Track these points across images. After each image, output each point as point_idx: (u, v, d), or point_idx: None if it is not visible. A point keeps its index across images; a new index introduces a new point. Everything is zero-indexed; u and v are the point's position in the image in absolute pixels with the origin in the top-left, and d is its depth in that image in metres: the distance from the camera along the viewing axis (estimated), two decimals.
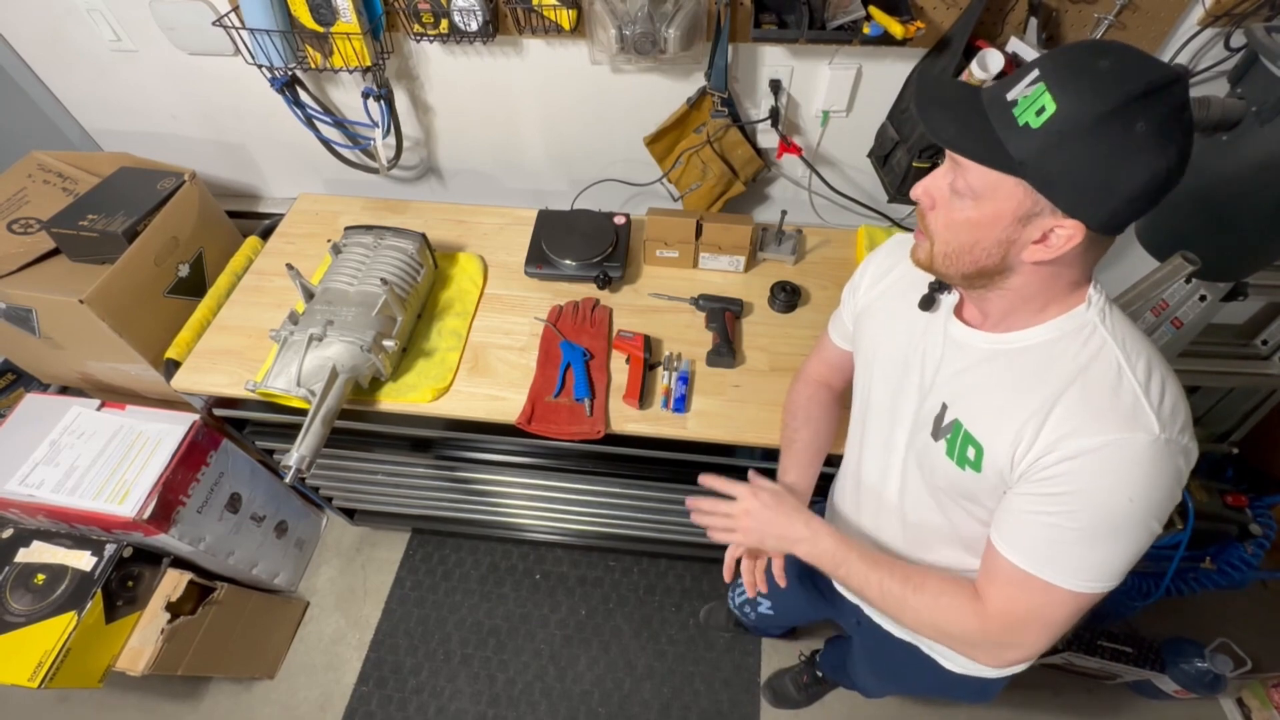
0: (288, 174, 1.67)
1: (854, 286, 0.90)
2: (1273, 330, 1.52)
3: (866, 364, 0.86)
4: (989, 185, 0.59)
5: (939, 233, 0.65)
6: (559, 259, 1.36)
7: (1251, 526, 1.42)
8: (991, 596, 0.69)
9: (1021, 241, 0.60)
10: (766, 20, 1.16)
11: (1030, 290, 0.64)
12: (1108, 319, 0.64)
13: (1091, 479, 0.60)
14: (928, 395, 0.75)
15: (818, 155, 1.43)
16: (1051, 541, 0.63)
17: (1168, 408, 0.60)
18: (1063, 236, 0.57)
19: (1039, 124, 0.54)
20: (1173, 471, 0.60)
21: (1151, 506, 0.61)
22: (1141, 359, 0.62)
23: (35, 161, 1.51)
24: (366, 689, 1.70)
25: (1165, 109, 0.52)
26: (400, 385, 1.21)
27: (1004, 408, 0.66)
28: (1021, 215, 0.58)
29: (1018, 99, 0.56)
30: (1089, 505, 0.61)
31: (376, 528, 1.93)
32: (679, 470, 1.29)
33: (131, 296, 1.36)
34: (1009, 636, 0.69)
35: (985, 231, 0.61)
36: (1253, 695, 1.62)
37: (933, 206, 0.65)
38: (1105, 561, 0.63)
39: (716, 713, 1.67)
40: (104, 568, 1.32)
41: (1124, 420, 0.60)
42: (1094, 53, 0.55)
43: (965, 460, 0.70)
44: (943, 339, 0.74)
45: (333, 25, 1.18)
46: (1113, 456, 0.59)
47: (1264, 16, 1.07)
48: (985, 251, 0.62)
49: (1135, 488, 0.60)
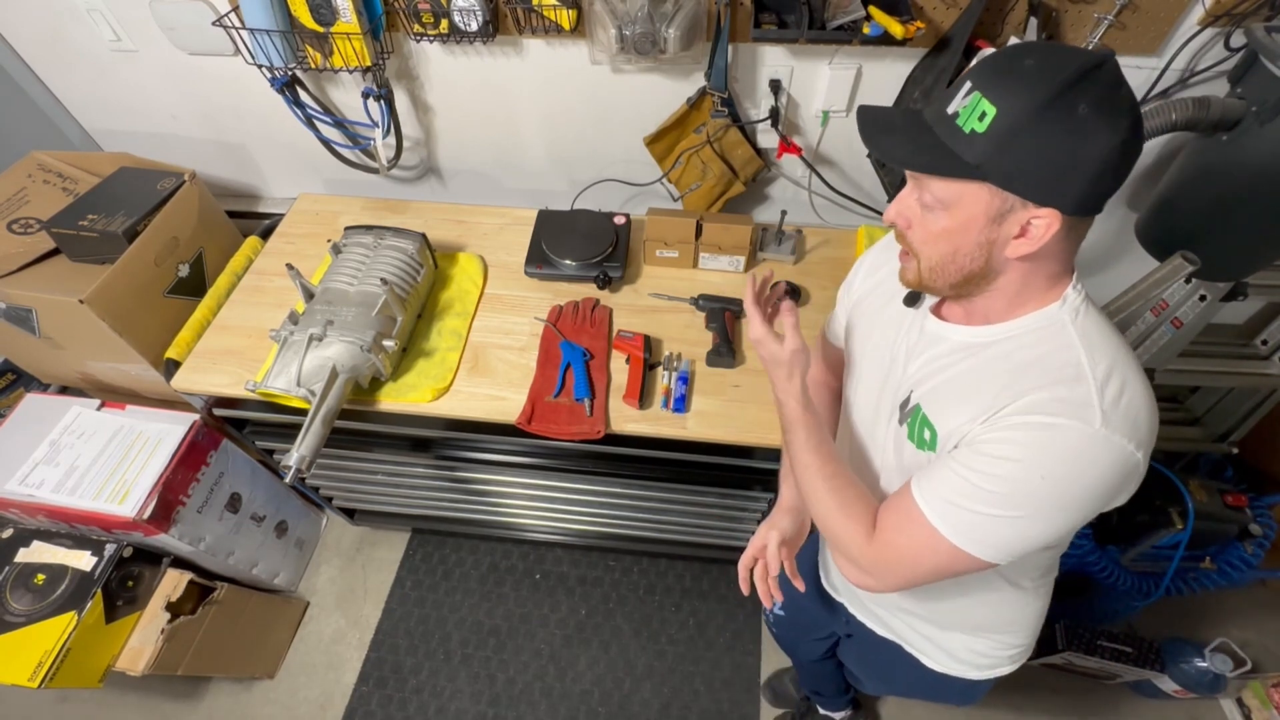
0: (288, 174, 1.67)
1: (848, 285, 0.91)
2: (1273, 330, 1.52)
3: (853, 360, 0.87)
4: (954, 194, 0.60)
5: (921, 249, 0.66)
6: (559, 259, 1.36)
7: (1251, 526, 1.42)
8: (883, 524, 0.71)
9: (1001, 240, 0.61)
10: (766, 20, 1.16)
11: (1014, 285, 0.65)
12: (1079, 319, 0.65)
13: (1013, 449, 0.61)
14: (900, 386, 0.77)
15: (818, 155, 1.43)
16: (957, 493, 0.64)
17: (1120, 411, 0.60)
18: (1041, 226, 0.59)
19: (984, 128, 0.56)
20: (1103, 468, 0.59)
21: (1064, 495, 0.60)
22: (1104, 361, 0.62)
23: (35, 161, 1.51)
24: (366, 689, 1.70)
25: (1101, 88, 0.54)
26: (400, 385, 1.21)
27: (960, 394, 0.68)
28: (993, 215, 0.60)
29: (959, 110, 0.58)
30: (1002, 472, 0.61)
31: (376, 528, 1.93)
32: (679, 470, 1.29)
33: (131, 296, 1.36)
34: (878, 565, 0.71)
35: (963, 237, 0.62)
36: (1253, 695, 1.62)
37: (909, 226, 0.67)
38: (999, 532, 0.63)
39: (716, 713, 1.67)
40: (104, 568, 1.32)
41: (1067, 410, 0.60)
42: (1018, 54, 0.58)
43: (922, 441, 0.72)
44: (919, 333, 0.75)
45: (333, 25, 1.18)
46: (1041, 435, 0.60)
47: (1264, 16, 1.07)
48: (968, 257, 0.63)
49: (1053, 469, 0.60)
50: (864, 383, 0.84)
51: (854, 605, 1.02)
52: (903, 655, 0.96)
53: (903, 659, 0.97)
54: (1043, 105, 0.54)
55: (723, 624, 1.80)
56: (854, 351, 0.87)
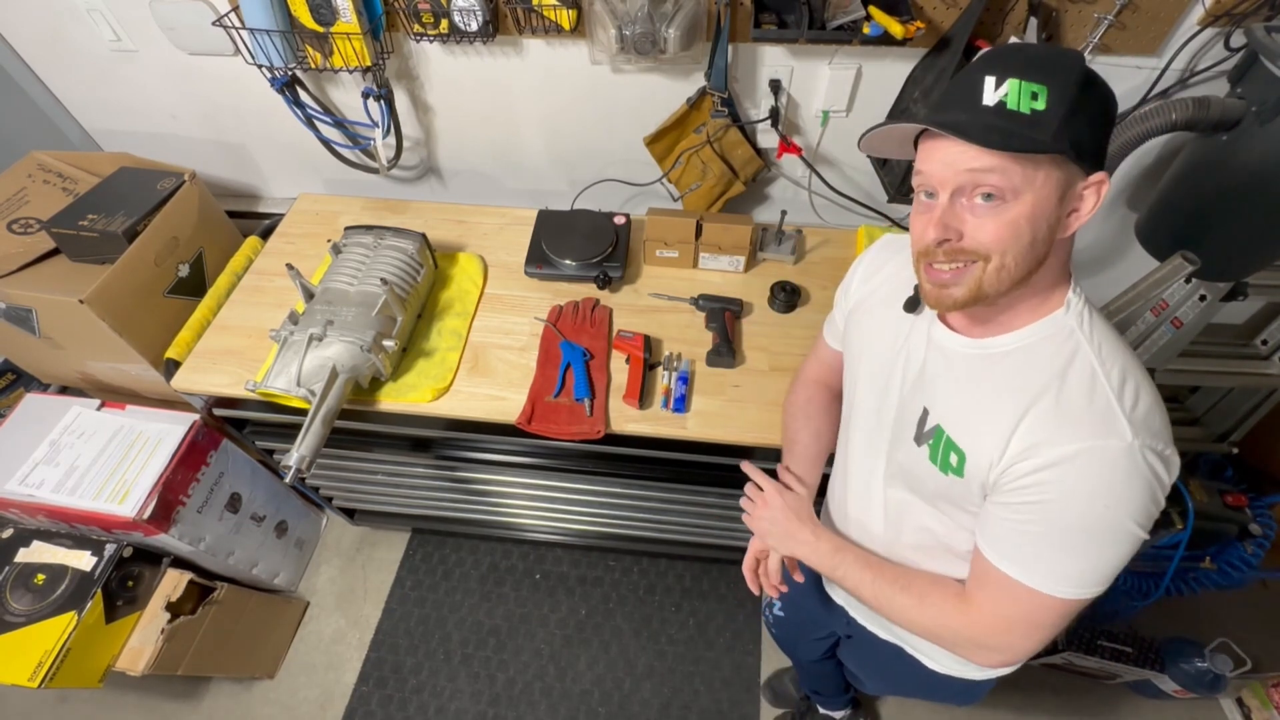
0: (288, 174, 1.67)
1: (845, 286, 0.91)
2: (1273, 330, 1.52)
3: (853, 365, 0.86)
4: (1024, 179, 0.58)
5: (993, 246, 0.61)
6: (559, 259, 1.36)
7: (1251, 526, 1.42)
8: (979, 599, 0.70)
9: (1061, 220, 0.61)
10: (766, 20, 1.16)
11: (1039, 279, 0.64)
12: (1085, 324, 0.65)
13: (1066, 487, 0.61)
14: (910, 399, 0.75)
15: (818, 155, 1.43)
16: (1033, 548, 0.64)
17: (1140, 414, 0.60)
18: (1091, 195, 0.60)
19: (1044, 105, 0.57)
20: (1148, 477, 0.60)
21: (1130, 512, 0.60)
22: (1116, 365, 0.62)
23: (35, 161, 1.51)
24: (366, 689, 1.70)
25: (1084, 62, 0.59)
26: (400, 385, 1.21)
27: (982, 413, 0.67)
28: (1063, 191, 0.60)
29: (1001, 99, 0.58)
30: (1066, 513, 0.61)
31: (376, 528, 1.93)
32: (679, 470, 1.29)
33: (131, 296, 1.36)
34: (995, 639, 0.70)
35: (1039, 223, 0.60)
36: (1253, 695, 1.62)
37: (961, 236, 0.62)
38: (1089, 568, 0.63)
39: (716, 713, 1.67)
40: (104, 568, 1.32)
41: (1096, 427, 0.60)
42: (1015, 48, 0.62)
43: (949, 466, 0.70)
44: (925, 342, 0.74)
45: (333, 25, 1.18)
46: (1085, 464, 0.60)
47: (1264, 16, 1.07)
48: (1042, 243, 0.61)
49: (1110, 495, 0.60)
50: (866, 388, 0.83)
51: (853, 608, 1.02)
52: (904, 656, 0.96)
53: (904, 660, 0.97)
54: (1080, 74, 0.57)
55: (723, 624, 1.79)
56: (855, 356, 0.86)
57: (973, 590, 0.71)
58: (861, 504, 0.88)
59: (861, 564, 0.80)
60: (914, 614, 0.75)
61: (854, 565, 0.80)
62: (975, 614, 0.70)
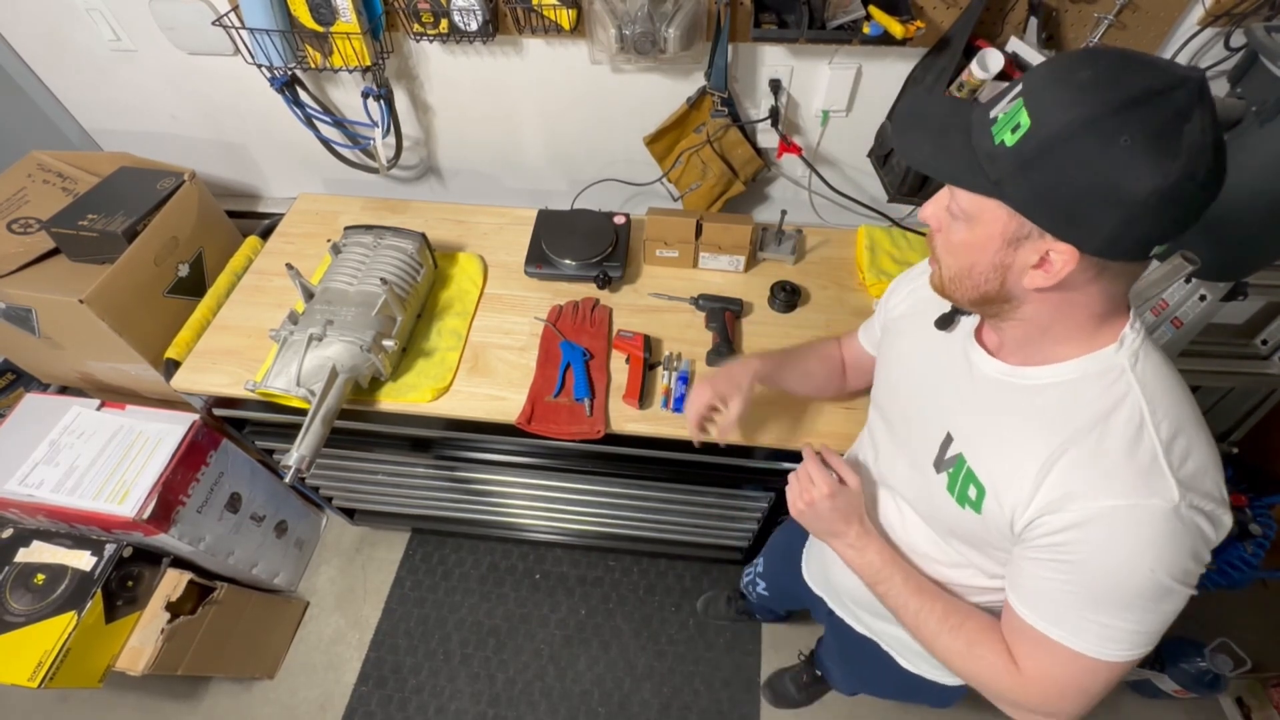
0: (288, 174, 1.67)
1: (886, 298, 0.89)
2: (1273, 330, 1.52)
3: (885, 378, 0.84)
4: (976, 207, 0.56)
5: (942, 256, 0.63)
6: (559, 259, 1.36)
7: (1251, 526, 1.42)
8: (1024, 661, 0.65)
9: (1017, 267, 0.56)
10: (766, 20, 1.16)
11: (1043, 320, 0.60)
12: (1139, 364, 0.58)
13: (1104, 549, 0.56)
14: (934, 420, 0.72)
15: (818, 155, 1.43)
16: (1076, 610, 0.59)
17: (1190, 471, 0.55)
18: (1059, 260, 0.53)
19: (1013, 141, 0.51)
20: (1194, 538, 0.55)
21: (1176, 573, 0.56)
22: (1169, 415, 0.57)
23: (35, 161, 1.50)
24: (366, 689, 1.70)
25: (1160, 118, 0.46)
26: (400, 385, 1.21)
27: (1009, 449, 0.63)
28: (1009, 238, 0.55)
29: (998, 116, 0.53)
30: (1105, 576, 0.57)
31: (376, 528, 1.93)
32: (679, 470, 1.29)
33: (131, 296, 1.36)
34: (1046, 704, 0.64)
35: (978, 255, 0.58)
36: (1252, 695, 1.62)
37: (938, 229, 0.63)
38: (1136, 629, 0.58)
39: (716, 713, 1.67)
40: (104, 568, 1.32)
41: (1138, 483, 0.55)
42: (1080, 62, 0.50)
43: (965, 499, 0.66)
44: (962, 361, 0.70)
45: (332, 25, 1.18)
46: (1124, 525, 0.55)
47: (1264, 16, 1.07)
48: (983, 276, 0.59)
49: (1156, 559, 0.55)
50: (892, 403, 0.81)
51: (832, 601, 1.02)
52: (878, 654, 0.96)
53: (878, 657, 0.96)
54: (1079, 127, 0.48)
55: (722, 624, 1.79)
56: (885, 368, 0.84)
57: (1014, 648, 0.66)
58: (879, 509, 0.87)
59: (910, 587, 0.74)
60: (959, 662, 0.69)
61: (900, 586, 0.74)
62: (1025, 678, 0.65)
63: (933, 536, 0.76)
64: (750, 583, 1.42)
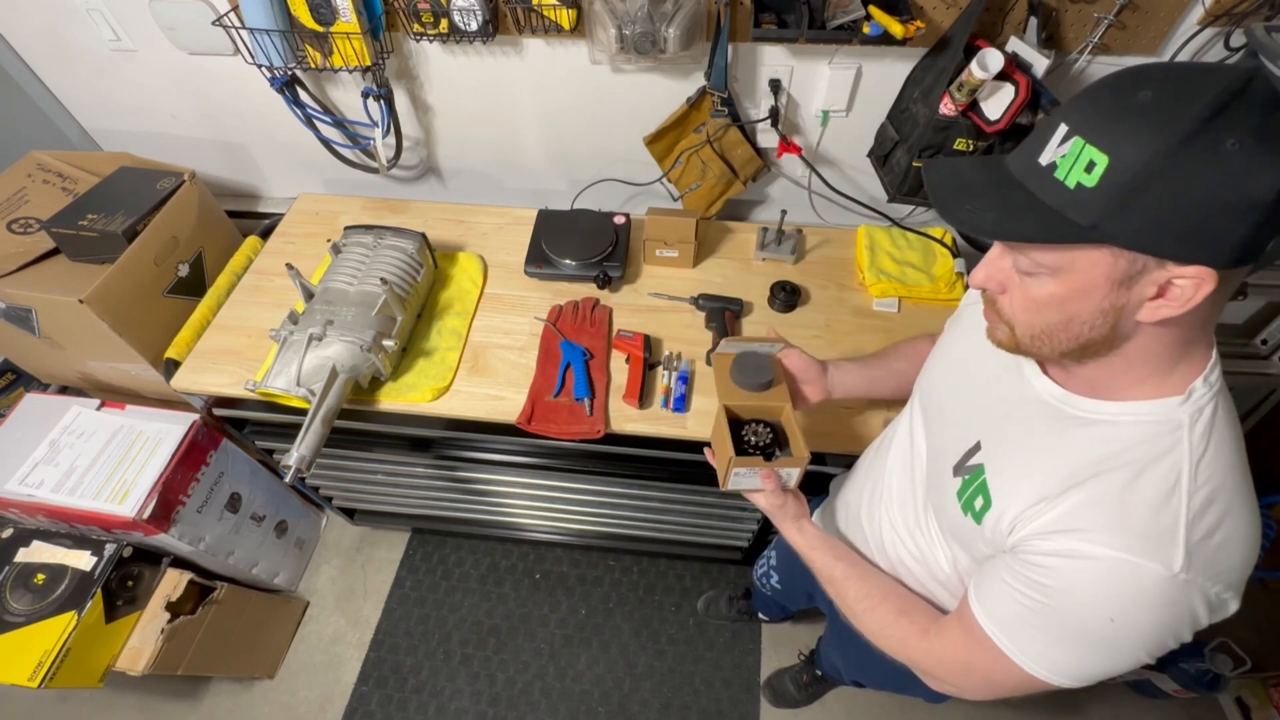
0: (288, 174, 1.67)
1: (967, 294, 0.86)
2: (1273, 330, 1.52)
3: (934, 362, 0.83)
4: (1064, 259, 0.51)
5: (1019, 316, 0.57)
6: (559, 259, 1.36)
7: None
8: (952, 638, 0.67)
9: (1133, 304, 0.51)
10: (766, 20, 1.16)
11: (1144, 353, 0.55)
12: (1199, 423, 0.54)
13: (1079, 586, 0.55)
14: (968, 427, 0.70)
15: (818, 155, 1.43)
16: (1023, 620, 0.59)
17: (1211, 547, 0.52)
18: (1189, 287, 0.48)
19: (1095, 181, 0.47)
20: (1179, 616, 0.53)
21: (1138, 637, 0.54)
22: (1209, 485, 0.53)
23: (35, 161, 1.50)
24: (366, 689, 1.70)
25: (1253, 114, 0.44)
26: (400, 385, 1.21)
27: (1034, 473, 0.60)
28: (1120, 278, 0.50)
29: (1055, 161, 0.49)
30: (1069, 607, 0.55)
31: (376, 527, 1.93)
32: (679, 470, 1.29)
33: (131, 296, 1.36)
34: (951, 678, 0.68)
35: (1078, 305, 0.52)
36: (1252, 694, 1.62)
37: (1003, 290, 0.58)
38: (1071, 663, 0.58)
39: (716, 712, 1.67)
40: (104, 567, 1.32)
41: (1144, 544, 0.52)
42: (1129, 86, 0.47)
43: (970, 507, 0.66)
44: (1014, 375, 0.67)
45: (332, 25, 1.18)
46: (1110, 575, 0.53)
47: (1264, 16, 1.07)
48: (1087, 325, 0.53)
49: (1123, 614, 0.53)
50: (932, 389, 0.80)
51: None
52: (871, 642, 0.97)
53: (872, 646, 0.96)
54: (1176, 147, 0.44)
55: (723, 624, 1.79)
56: (943, 350, 0.82)
57: (948, 626, 0.68)
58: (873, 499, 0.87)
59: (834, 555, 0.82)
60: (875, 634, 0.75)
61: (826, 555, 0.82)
62: (937, 644, 0.68)
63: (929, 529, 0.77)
64: (764, 575, 1.42)
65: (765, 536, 1.54)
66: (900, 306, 1.34)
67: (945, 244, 1.41)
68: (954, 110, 1.11)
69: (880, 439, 0.96)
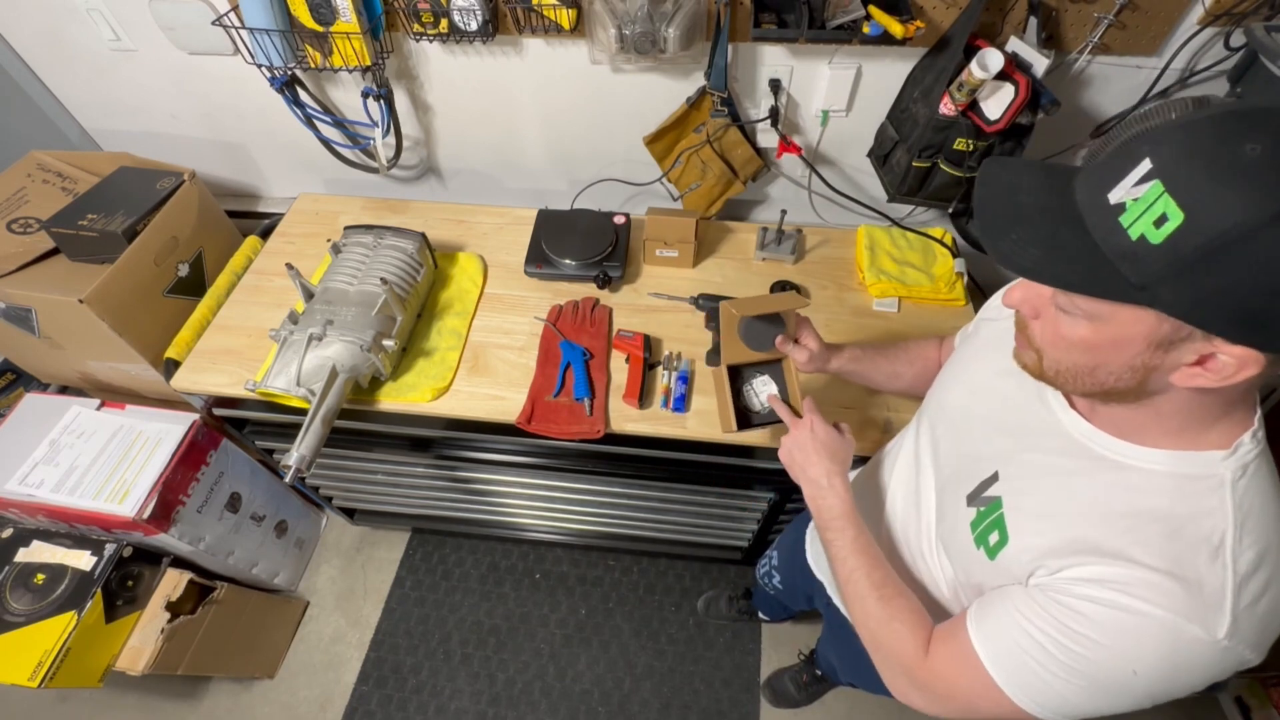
0: (288, 174, 1.67)
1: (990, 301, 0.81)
2: None
3: (947, 381, 0.79)
4: (1106, 309, 0.47)
5: (1046, 348, 0.54)
6: (559, 259, 1.36)
7: None
8: (940, 657, 0.63)
9: (1167, 366, 0.47)
10: (766, 20, 1.16)
11: (1176, 411, 0.51)
12: (1243, 480, 0.51)
13: (1114, 637, 0.50)
14: (986, 457, 0.66)
15: (817, 155, 1.43)
16: (1025, 653, 0.55)
17: (1258, 614, 0.48)
18: (1231, 365, 0.44)
19: (1161, 239, 0.41)
20: (1208, 676, 0.50)
21: (1152, 689, 0.51)
22: (1255, 548, 0.49)
23: (35, 161, 1.50)
24: (366, 688, 1.70)
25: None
26: (400, 385, 1.21)
27: (1055, 512, 0.57)
28: (1159, 341, 0.46)
29: (1125, 201, 0.43)
30: (1093, 653, 0.51)
31: (376, 527, 1.93)
32: (679, 470, 1.29)
33: (131, 296, 1.36)
34: (929, 693, 0.64)
35: (1108, 355, 0.49)
36: (1252, 695, 1.62)
37: (1035, 316, 0.55)
38: (1066, 701, 0.54)
39: (716, 712, 1.67)
40: (104, 567, 1.32)
41: (1191, 607, 0.48)
42: (1231, 133, 0.40)
43: (984, 541, 0.62)
44: (1037, 405, 0.63)
45: (332, 25, 1.18)
46: (1152, 633, 0.49)
47: (1264, 16, 1.07)
48: (1113, 375, 0.50)
49: (1151, 669, 0.50)
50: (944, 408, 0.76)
51: (831, 588, 1.02)
52: None
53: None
54: (1267, 222, 0.38)
55: (723, 624, 1.79)
56: (951, 371, 0.79)
57: (938, 644, 0.64)
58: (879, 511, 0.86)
59: (858, 547, 0.72)
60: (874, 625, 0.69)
61: (849, 542, 0.73)
62: (927, 665, 0.63)
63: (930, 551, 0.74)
64: (766, 574, 1.42)
65: (766, 537, 1.54)
66: (900, 306, 1.34)
67: (945, 244, 1.41)
68: (954, 110, 1.11)
69: (879, 457, 0.94)
